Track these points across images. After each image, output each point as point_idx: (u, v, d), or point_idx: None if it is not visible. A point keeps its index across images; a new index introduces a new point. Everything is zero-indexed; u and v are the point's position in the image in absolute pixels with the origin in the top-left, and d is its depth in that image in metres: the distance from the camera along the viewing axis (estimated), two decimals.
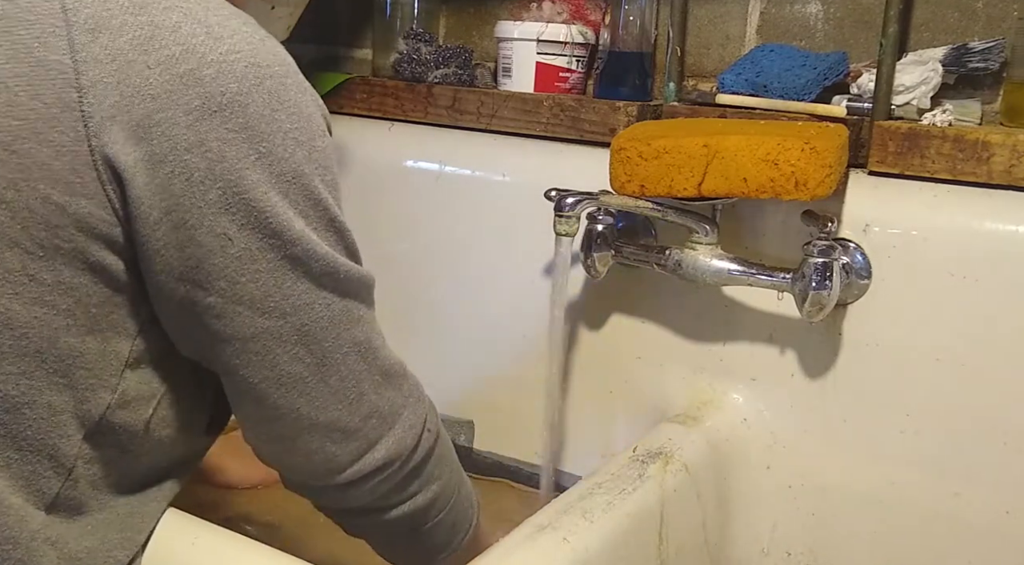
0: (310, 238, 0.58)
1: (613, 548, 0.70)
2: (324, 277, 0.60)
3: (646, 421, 0.93)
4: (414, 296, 1.11)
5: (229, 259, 0.56)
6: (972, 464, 0.81)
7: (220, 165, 0.55)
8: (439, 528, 0.74)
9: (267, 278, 0.57)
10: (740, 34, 1.01)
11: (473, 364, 1.07)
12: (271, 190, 0.56)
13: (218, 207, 0.55)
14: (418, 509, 0.70)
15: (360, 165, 1.14)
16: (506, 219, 1.03)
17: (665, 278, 0.89)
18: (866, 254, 0.83)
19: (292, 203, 0.57)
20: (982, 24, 0.89)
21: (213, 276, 0.56)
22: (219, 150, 0.54)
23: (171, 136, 0.54)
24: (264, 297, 0.58)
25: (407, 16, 1.15)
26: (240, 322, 0.58)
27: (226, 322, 0.58)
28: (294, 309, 0.59)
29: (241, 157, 0.55)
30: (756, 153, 0.77)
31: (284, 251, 0.57)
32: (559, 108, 0.99)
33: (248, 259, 0.56)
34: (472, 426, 1.08)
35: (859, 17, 0.95)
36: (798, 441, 0.88)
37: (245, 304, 0.57)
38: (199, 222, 0.55)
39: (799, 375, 0.88)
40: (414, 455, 0.68)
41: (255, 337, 0.58)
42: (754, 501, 0.90)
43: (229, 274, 0.56)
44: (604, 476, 0.76)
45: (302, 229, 0.58)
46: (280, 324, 0.58)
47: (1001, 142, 0.78)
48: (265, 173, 0.56)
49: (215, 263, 0.56)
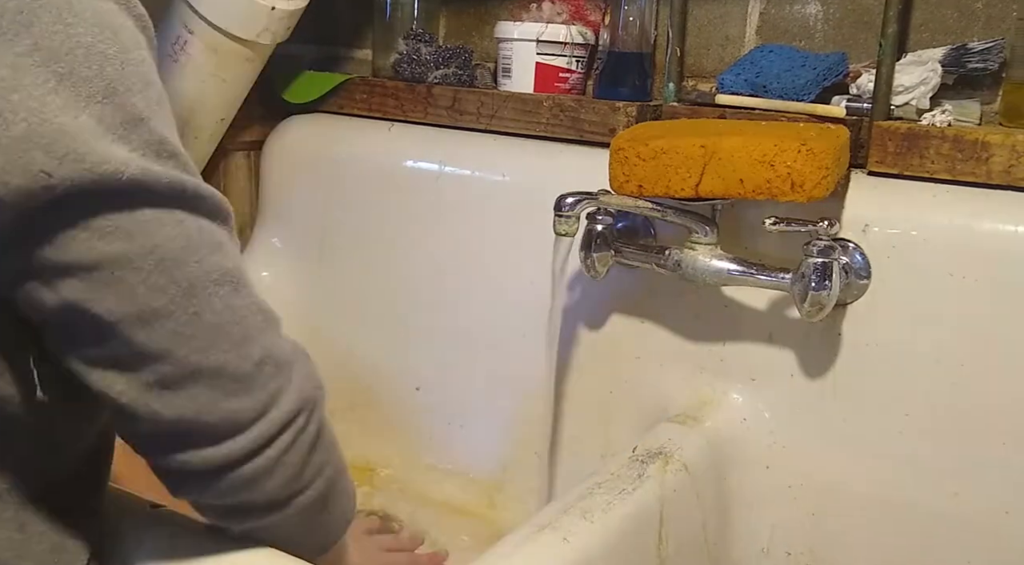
0: (138, 163, 0.51)
1: (613, 548, 0.70)
2: (168, 196, 0.53)
3: (646, 421, 0.93)
4: (414, 296, 1.11)
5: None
6: (972, 464, 0.81)
7: (16, 95, 0.48)
8: (340, 495, 0.67)
9: (104, 205, 0.51)
10: (740, 34, 1.02)
11: (473, 364, 1.07)
12: (82, 114, 0.49)
13: (27, 144, 0.48)
14: (329, 481, 0.64)
15: (360, 165, 1.14)
16: (506, 219, 1.03)
17: (665, 278, 0.89)
18: (865, 254, 0.83)
19: (108, 127, 0.50)
20: (981, 24, 0.89)
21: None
22: (12, 79, 0.48)
23: None
24: (99, 222, 0.50)
25: (407, 16, 1.15)
26: (78, 247, 0.50)
27: (62, 249, 0.50)
28: (140, 229, 0.51)
29: (39, 83, 0.48)
30: (752, 154, 0.77)
31: (113, 181, 0.50)
32: (559, 108, 0.99)
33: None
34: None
35: (858, 18, 0.95)
36: (798, 441, 0.88)
37: (79, 227, 0.50)
38: (10, 165, 0.48)
39: (799, 375, 0.88)
40: (316, 410, 0.61)
41: (99, 264, 0.51)
42: (754, 501, 0.90)
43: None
44: (604, 476, 0.76)
45: (127, 155, 0.51)
46: (127, 247, 0.51)
47: (1000, 142, 0.78)
48: (71, 96, 0.49)
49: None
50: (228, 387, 0.55)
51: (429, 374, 1.11)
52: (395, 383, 1.13)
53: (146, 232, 0.52)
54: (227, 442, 0.56)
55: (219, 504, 0.60)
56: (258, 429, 0.57)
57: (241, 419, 0.56)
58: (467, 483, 1.08)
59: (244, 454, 0.56)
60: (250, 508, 0.60)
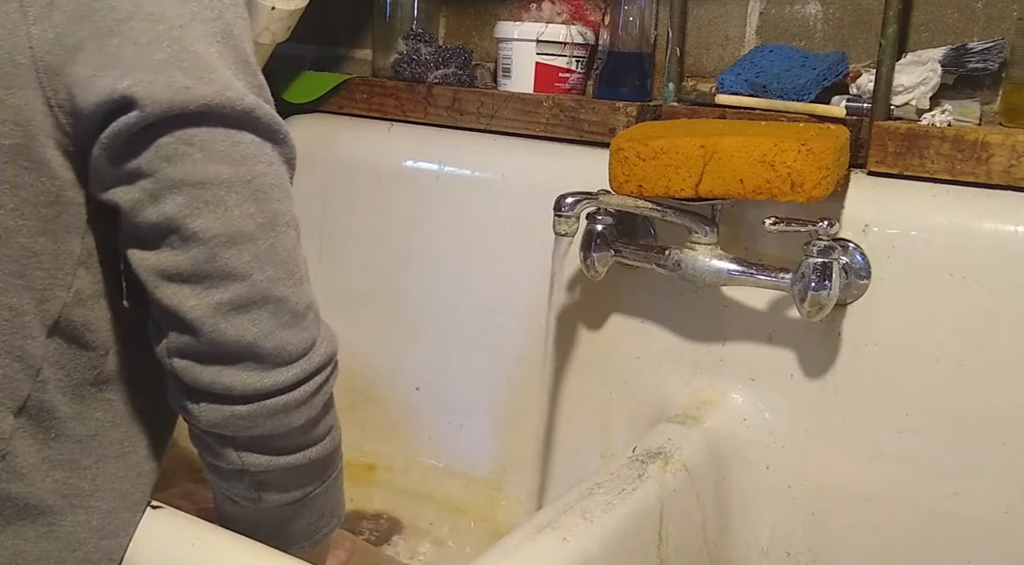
0: (251, 96, 0.59)
1: (613, 548, 0.70)
2: (268, 132, 0.60)
3: (646, 421, 0.93)
4: (414, 296, 1.11)
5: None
6: (971, 464, 0.81)
7: (161, 26, 0.56)
8: (334, 490, 0.71)
9: (220, 129, 0.58)
10: (739, 34, 1.02)
11: (472, 364, 1.07)
12: (211, 47, 0.58)
13: (170, 66, 0.56)
14: (335, 447, 0.69)
15: (360, 165, 1.14)
16: (506, 219, 1.03)
17: (665, 278, 0.89)
18: (865, 254, 0.83)
19: (227, 62, 0.59)
20: (981, 24, 0.89)
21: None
22: (159, 11, 0.56)
23: (112, 7, 0.56)
24: (215, 141, 0.57)
25: (407, 17, 1.15)
26: (191, 164, 0.57)
27: (176, 164, 0.57)
28: (243, 158, 0.58)
29: (178, 16, 0.57)
30: (752, 154, 0.77)
31: (233, 106, 0.58)
32: (559, 108, 0.99)
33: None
34: None
35: (858, 17, 0.95)
36: (797, 441, 0.88)
37: (196, 146, 0.57)
38: (157, 81, 0.55)
39: (799, 375, 0.88)
40: (337, 367, 0.66)
41: (205, 183, 0.57)
42: (754, 501, 0.90)
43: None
44: (604, 476, 0.76)
45: (243, 88, 0.59)
46: (231, 172, 0.58)
47: (1000, 142, 0.78)
48: (201, 32, 0.58)
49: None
50: (286, 319, 0.60)
51: (429, 374, 1.11)
52: (395, 383, 1.13)
53: (247, 163, 0.58)
54: (274, 371, 0.60)
55: (241, 436, 0.63)
56: (301, 366, 0.61)
57: (291, 352, 0.60)
58: (467, 483, 1.08)
59: (285, 385, 0.61)
60: (266, 442, 0.63)
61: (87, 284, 0.61)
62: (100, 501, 0.64)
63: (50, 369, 0.61)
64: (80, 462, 0.63)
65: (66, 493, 0.63)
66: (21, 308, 0.59)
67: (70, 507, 0.63)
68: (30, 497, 0.62)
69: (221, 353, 0.59)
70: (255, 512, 0.68)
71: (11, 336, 0.60)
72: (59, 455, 0.63)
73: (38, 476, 0.62)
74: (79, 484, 0.63)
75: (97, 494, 0.64)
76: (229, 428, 0.61)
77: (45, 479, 0.62)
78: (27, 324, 0.60)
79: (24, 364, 0.60)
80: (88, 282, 0.61)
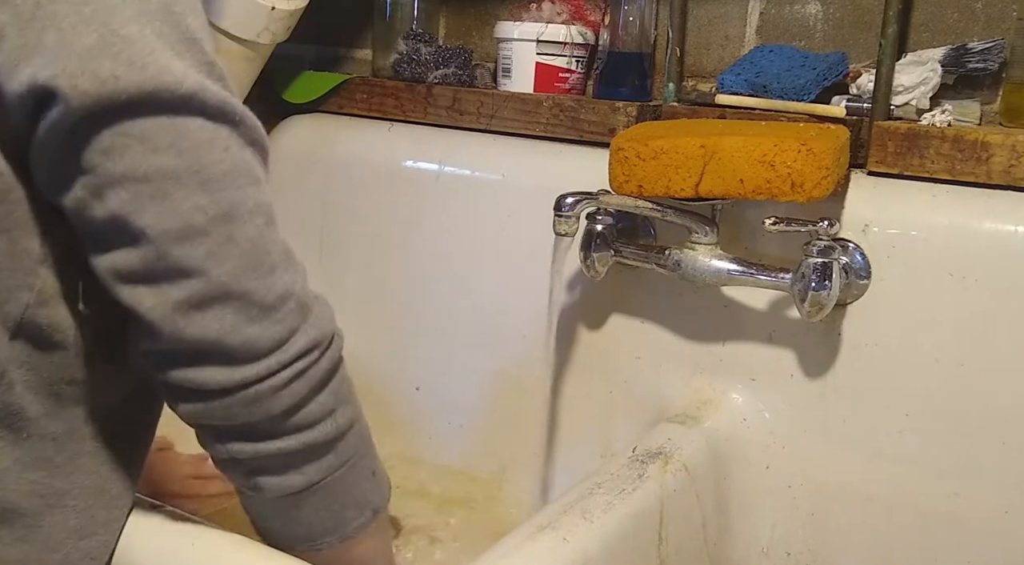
0: (195, 77, 0.55)
1: (613, 548, 0.70)
2: (218, 114, 0.56)
3: (646, 421, 0.93)
4: (414, 296, 1.11)
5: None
6: (971, 464, 0.81)
7: (88, 7, 0.52)
8: (358, 478, 0.67)
9: (160, 117, 0.54)
10: (739, 34, 1.02)
11: (472, 364, 1.07)
12: (145, 28, 0.53)
13: (98, 52, 0.52)
14: (340, 431, 0.64)
15: (360, 165, 1.14)
16: (505, 219, 1.03)
17: (665, 278, 0.89)
18: (865, 254, 0.83)
19: (167, 43, 0.54)
20: (981, 24, 0.89)
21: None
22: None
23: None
24: (157, 131, 0.54)
25: (407, 17, 1.15)
26: (130, 157, 0.53)
27: (115, 158, 0.53)
28: (192, 146, 0.55)
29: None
30: (752, 154, 0.77)
31: (171, 91, 0.54)
32: (559, 108, 0.99)
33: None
34: None
35: (858, 17, 0.95)
36: (798, 441, 0.88)
37: (136, 138, 0.53)
38: (82, 70, 0.52)
39: (798, 375, 0.88)
40: (330, 349, 0.62)
41: (149, 177, 0.54)
42: (754, 501, 0.90)
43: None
44: (604, 476, 0.76)
45: (185, 69, 0.54)
46: (176, 163, 0.54)
47: (1000, 142, 0.78)
48: (135, 11, 0.53)
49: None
50: (252, 313, 0.57)
51: (429, 374, 1.11)
52: (395, 383, 1.13)
53: (195, 151, 0.55)
54: (243, 367, 0.58)
55: (221, 426, 0.61)
56: (275, 358, 0.58)
57: (260, 347, 0.58)
58: (467, 482, 1.08)
59: (256, 379, 0.58)
60: (250, 430, 0.61)
61: (49, 284, 0.59)
62: (76, 499, 0.62)
63: (17, 371, 0.59)
64: (53, 460, 0.62)
65: (42, 493, 0.61)
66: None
67: (47, 507, 0.61)
68: (4, 501, 0.60)
69: (185, 351, 0.57)
70: (261, 502, 0.66)
71: None
72: (30, 455, 0.61)
73: (11, 478, 0.60)
74: (53, 483, 0.62)
75: (73, 492, 0.62)
76: (208, 419, 0.60)
77: (19, 481, 0.60)
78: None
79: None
80: (50, 282, 0.59)
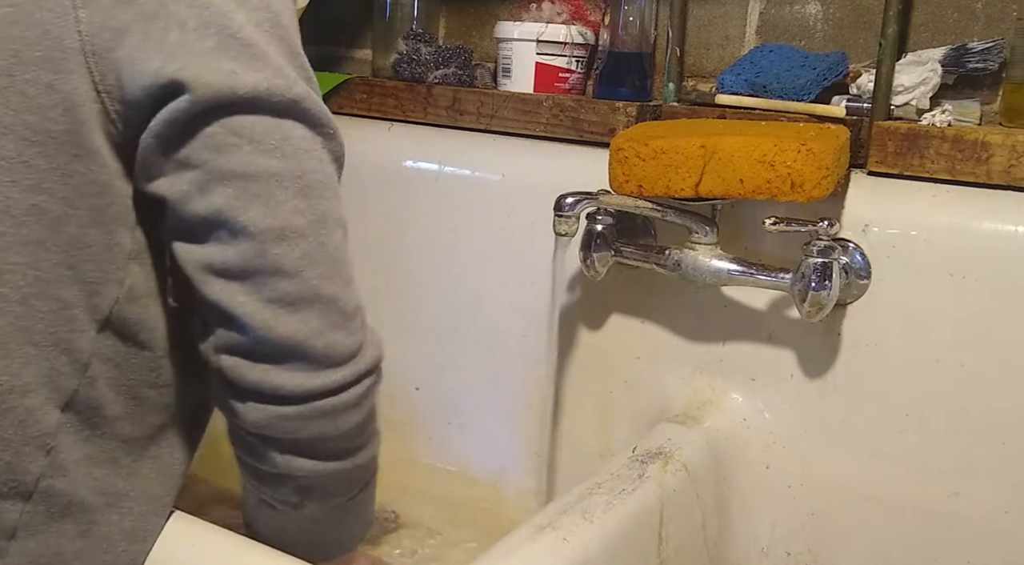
0: (303, 85, 0.58)
1: (613, 548, 0.70)
2: (318, 125, 0.59)
3: (646, 421, 0.93)
4: (414, 296, 1.11)
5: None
6: (971, 464, 0.81)
7: (208, 11, 0.56)
8: (371, 495, 0.71)
9: (269, 118, 0.57)
10: (739, 34, 1.02)
11: (473, 364, 1.07)
12: (259, 35, 0.57)
13: (218, 54, 0.55)
14: (376, 453, 0.68)
15: (360, 165, 1.14)
16: (505, 219, 1.03)
17: (665, 278, 0.89)
18: (865, 254, 0.83)
19: (277, 50, 0.58)
20: (981, 24, 0.89)
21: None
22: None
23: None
24: (265, 133, 0.56)
25: (407, 17, 1.15)
26: (240, 156, 0.56)
27: (225, 155, 0.56)
28: (294, 152, 0.57)
29: (224, 3, 0.56)
30: (752, 154, 0.77)
31: (282, 94, 0.57)
32: (559, 108, 0.99)
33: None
34: None
35: (858, 17, 0.95)
36: (797, 441, 0.88)
37: (246, 137, 0.56)
38: (205, 68, 0.55)
39: (798, 375, 0.88)
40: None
41: (255, 176, 0.56)
42: (753, 501, 0.90)
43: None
44: (604, 476, 0.76)
45: (296, 77, 0.58)
46: (281, 166, 0.57)
47: (1000, 142, 0.78)
48: (248, 18, 0.57)
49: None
50: (336, 319, 0.59)
51: (429, 374, 1.11)
52: (395, 383, 1.13)
53: (296, 156, 0.58)
54: (324, 372, 0.59)
55: (287, 438, 0.62)
56: (351, 368, 0.60)
57: (340, 352, 0.59)
58: (467, 482, 1.08)
59: (336, 387, 0.60)
60: (314, 446, 0.62)
61: (140, 280, 0.60)
62: (133, 502, 0.63)
63: (101, 365, 0.60)
64: (120, 460, 0.63)
65: (104, 491, 0.62)
66: (70, 300, 0.58)
67: (107, 506, 0.62)
68: (73, 494, 0.61)
69: (270, 351, 0.58)
70: (294, 518, 0.66)
71: (58, 328, 0.58)
72: (101, 452, 0.62)
73: (81, 472, 0.61)
74: (116, 482, 0.62)
75: (131, 494, 0.63)
76: (275, 430, 0.60)
77: (87, 476, 0.61)
78: (75, 317, 0.59)
79: (71, 358, 0.59)
80: (141, 278, 0.60)
